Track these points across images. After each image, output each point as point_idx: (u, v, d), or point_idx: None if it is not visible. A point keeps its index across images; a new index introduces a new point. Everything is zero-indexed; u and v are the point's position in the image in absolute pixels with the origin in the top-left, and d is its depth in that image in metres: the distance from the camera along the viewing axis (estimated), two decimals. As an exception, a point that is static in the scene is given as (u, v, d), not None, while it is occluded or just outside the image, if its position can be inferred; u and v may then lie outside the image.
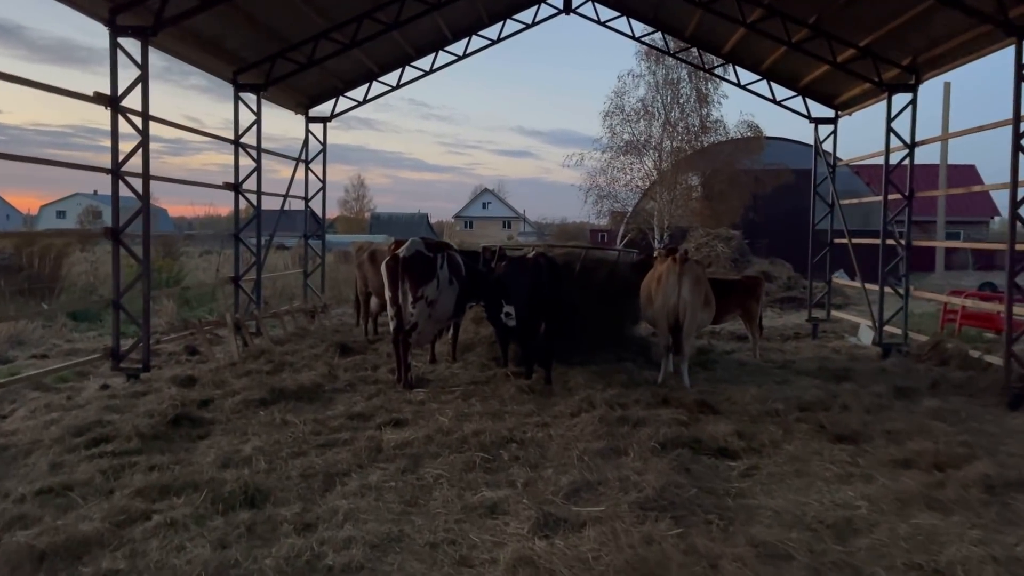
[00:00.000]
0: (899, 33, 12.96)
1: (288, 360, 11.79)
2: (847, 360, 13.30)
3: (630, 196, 36.09)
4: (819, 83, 16.57)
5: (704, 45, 17.32)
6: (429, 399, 9.57)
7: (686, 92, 34.46)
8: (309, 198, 18.47)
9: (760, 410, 8.92)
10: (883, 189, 13.85)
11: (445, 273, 10.68)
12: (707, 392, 9.94)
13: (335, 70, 16.88)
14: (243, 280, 15.02)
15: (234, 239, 14.87)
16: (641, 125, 35.01)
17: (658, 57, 33.75)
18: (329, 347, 12.68)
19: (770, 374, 11.85)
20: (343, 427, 8.11)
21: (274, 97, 16.43)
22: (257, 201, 15.11)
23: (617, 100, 34.90)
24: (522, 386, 9.89)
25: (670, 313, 10.50)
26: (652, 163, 35.08)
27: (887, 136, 13.72)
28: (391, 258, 10.40)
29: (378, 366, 11.48)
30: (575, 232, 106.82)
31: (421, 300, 10.27)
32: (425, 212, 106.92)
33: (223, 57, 13.83)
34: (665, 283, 10.47)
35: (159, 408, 8.45)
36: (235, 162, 14.55)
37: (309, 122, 18.15)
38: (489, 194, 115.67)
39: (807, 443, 7.73)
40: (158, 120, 11.43)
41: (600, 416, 8.18)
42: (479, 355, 12.31)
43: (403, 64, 17.72)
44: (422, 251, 10.44)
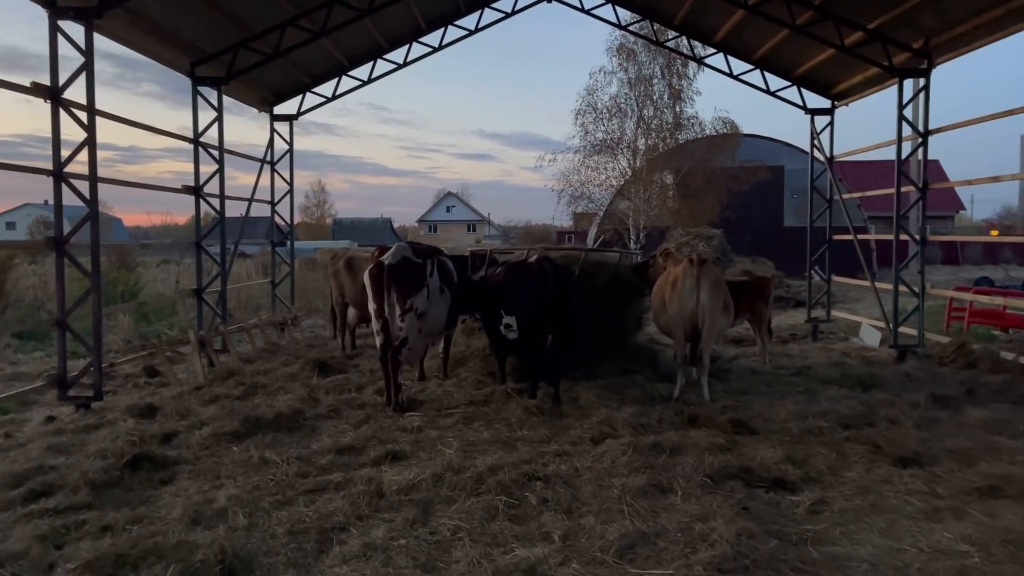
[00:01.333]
0: (911, 14, 12.15)
1: (260, 382, 10.56)
2: (863, 364, 12.43)
3: (604, 196, 35.21)
4: (816, 72, 15.77)
5: (694, 33, 16.40)
6: (426, 424, 8.44)
7: (659, 89, 33.71)
8: (276, 202, 17.20)
9: (802, 428, 7.95)
10: (895, 181, 13.03)
11: (436, 281, 9.56)
12: (733, 407, 8.96)
13: (302, 63, 15.66)
14: (206, 292, 13.72)
15: (195, 247, 13.55)
16: (614, 123, 34.21)
17: (630, 53, 33.03)
18: (305, 365, 11.46)
19: (789, 383, 10.94)
20: (333, 465, 6.95)
21: (236, 93, 15.16)
22: (220, 206, 13.83)
23: (589, 98, 33.98)
24: (529, 407, 8.79)
25: (687, 320, 9.51)
26: (626, 162, 34.25)
27: (899, 124, 12.90)
28: (375, 266, 9.26)
29: (363, 386, 10.31)
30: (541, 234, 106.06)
31: (410, 312, 9.14)
32: (388, 217, 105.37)
33: (179, 47, 12.56)
34: (681, 287, 9.47)
35: (113, 447, 7.22)
36: (195, 163, 13.27)
37: (274, 120, 16.88)
38: (453, 197, 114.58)
39: (869, 469, 6.76)
40: (105, 115, 10.15)
41: (631, 444, 7.10)
42: (472, 370, 11.20)
43: (375, 57, 16.55)
44: (410, 257, 9.32)
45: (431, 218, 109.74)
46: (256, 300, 21.43)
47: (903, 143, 13.13)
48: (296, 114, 16.88)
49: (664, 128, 33.78)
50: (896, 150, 12.95)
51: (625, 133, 34.06)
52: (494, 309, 9.80)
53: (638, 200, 33.61)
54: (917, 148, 12.84)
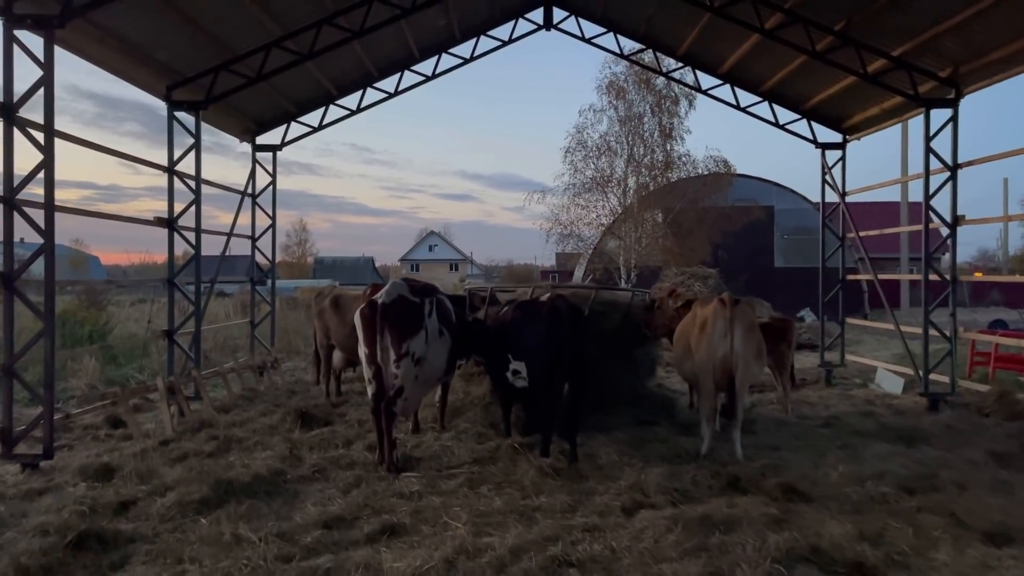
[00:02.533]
0: (937, 41, 11.44)
1: (236, 435, 9.39)
2: (894, 414, 11.46)
3: (594, 235, 34.45)
4: (827, 104, 15.06)
5: (699, 64, 15.66)
6: (426, 488, 7.32)
7: (649, 127, 33.18)
8: (256, 237, 16.12)
9: (861, 495, 6.91)
10: (924, 217, 12.17)
11: (434, 323, 8.52)
12: (772, 467, 7.91)
13: (287, 90, 14.73)
14: (179, 334, 12.55)
15: (168, 285, 12.41)
16: (604, 161, 33.59)
17: (620, 91, 32.61)
18: (286, 415, 10.27)
19: (821, 435, 9.95)
20: (320, 544, 5.80)
21: (216, 120, 14.17)
22: (196, 240, 12.73)
23: (578, 136, 33.39)
24: (543, 467, 7.69)
25: (718, 367, 8.51)
26: (616, 200, 33.56)
27: (926, 156, 12.09)
28: (367, 305, 8.20)
29: (351, 441, 9.16)
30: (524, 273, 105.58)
31: (406, 357, 8.06)
32: (370, 256, 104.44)
33: (155, 68, 11.58)
34: (712, 331, 8.49)
35: (57, 520, 6.07)
36: (169, 193, 12.20)
37: (256, 151, 15.87)
38: (435, 236, 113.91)
39: (958, 548, 5.71)
40: (64, 136, 9.09)
41: (675, 518, 6.02)
42: (472, 421, 10.10)
43: (364, 85, 15.66)
44: (406, 296, 8.27)
45: (413, 257, 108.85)
46: (234, 341, 20.21)
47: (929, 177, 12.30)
48: (280, 144, 15.89)
49: (655, 166, 33.20)
50: (923, 184, 12.13)
51: (615, 171, 33.45)
52: (500, 353, 8.77)
53: (628, 239, 32.86)
54: (946, 182, 12.02)
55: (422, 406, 10.14)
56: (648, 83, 32.32)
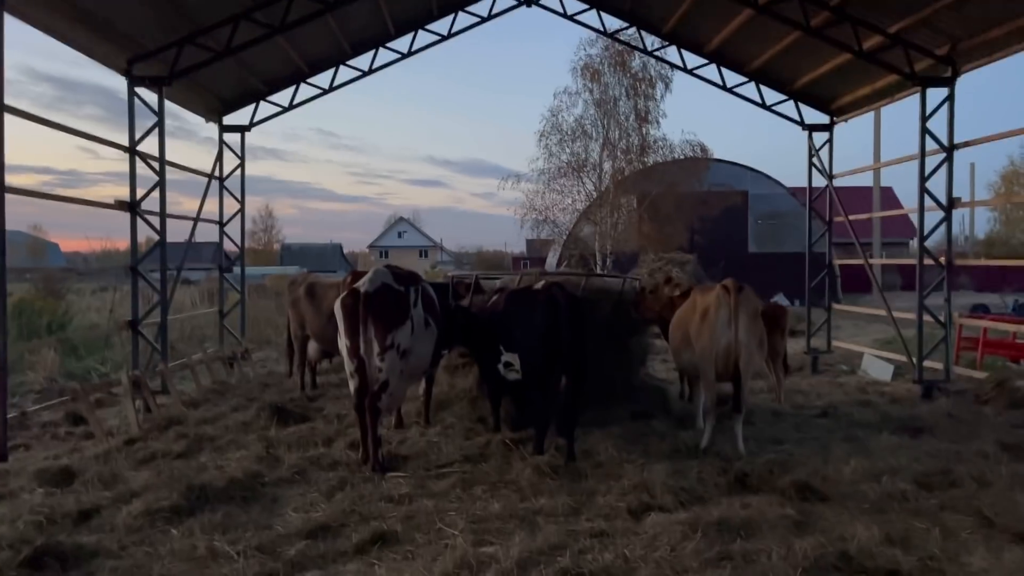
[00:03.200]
0: (935, 18, 11.09)
1: (207, 433, 8.79)
2: (889, 403, 11.18)
3: (569, 221, 34.00)
4: (816, 85, 14.70)
5: (685, 43, 15.21)
6: (415, 490, 6.82)
7: (625, 111, 32.75)
8: (224, 223, 15.42)
9: (879, 493, 6.53)
10: (919, 200, 11.86)
11: (420, 313, 7.98)
12: (780, 463, 7.51)
13: (256, 67, 14.02)
14: (143, 324, 11.87)
15: (131, 273, 11.70)
16: (579, 145, 33.12)
17: (595, 73, 32.14)
18: (261, 410, 9.66)
19: (820, 427, 9.63)
20: (305, 558, 5.26)
21: (181, 98, 13.45)
22: (161, 225, 12.03)
23: (553, 119, 32.86)
24: (540, 466, 7.21)
25: (720, 357, 8.10)
26: (592, 185, 33.12)
27: (922, 137, 11.76)
28: (348, 294, 7.64)
29: (331, 439, 8.59)
30: (495, 259, 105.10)
31: (391, 350, 7.53)
32: (338, 242, 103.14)
33: (114, 40, 10.86)
34: (714, 319, 8.06)
35: (11, 532, 5.47)
36: (131, 175, 11.47)
37: (224, 131, 15.15)
38: (404, 223, 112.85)
39: (991, 551, 5.33)
40: (15, 112, 8.38)
41: (691, 523, 5.58)
42: (459, 416, 9.60)
43: (337, 63, 15.01)
44: (390, 284, 7.73)
45: (382, 244, 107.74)
46: (202, 331, 19.48)
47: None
48: (248, 125, 15.20)
49: (631, 150, 32.81)
50: (919, 165, 11.80)
51: (591, 155, 33.02)
52: (490, 345, 8.26)
53: (604, 224, 32.47)
54: (942, 164, 11.71)
55: (405, 400, 9.61)
56: (624, 66, 31.87)
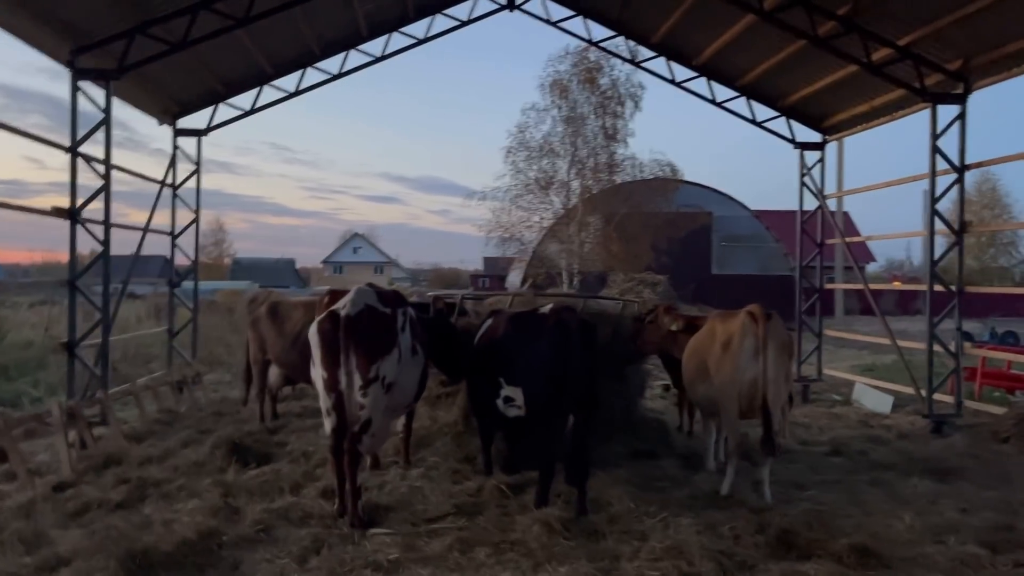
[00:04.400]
0: (947, 32, 10.48)
1: (153, 477, 7.56)
2: (900, 439, 10.43)
3: (537, 239, 33.20)
4: (809, 101, 14.07)
5: (674, 55, 14.44)
6: (404, 552, 5.75)
7: (593, 129, 32.14)
8: (177, 234, 14.16)
9: (948, 557, 5.65)
10: (930, 221, 11.19)
11: (407, 339, 6.94)
12: (815, 515, 6.63)
13: (216, 66, 12.86)
14: (82, 346, 10.55)
15: (69, 288, 10.38)
16: (545, 163, 32.39)
17: (563, 90, 31.56)
18: (215, 448, 8.43)
19: (841, 468, 8.82)
20: (280, 656, 4.17)
21: (131, 97, 12.23)
22: (104, 235, 10.76)
23: (520, 136, 32.12)
24: (549, 521, 6.19)
25: (745, 393, 7.21)
26: (560, 203, 32.39)
27: (932, 156, 11.08)
28: (326, 317, 6.56)
29: (300, 484, 7.43)
30: (452, 277, 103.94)
31: (375, 383, 6.46)
32: (291, 257, 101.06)
33: (57, 27, 9.65)
34: (738, 350, 7.16)
35: None
36: (72, 179, 10.20)
37: (178, 135, 13.92)
38: (360, 239, 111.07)
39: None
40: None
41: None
42: (441, 453, 8.52)
43: (304, 65, 13.91)
44: (374, 306, 6.67)
45: (337, 259, 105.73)
46: (147, 351, 18.03)
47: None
48: (206, 129, 13.98)
49: (599, 168, 32.20)
50: (929, 186, 11.13)
51: (558, 173, 32.33)
52: (486, 375, 7.25)
53: (572, 243, 31.73)
54: (953, 185, 11.07)
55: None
56: (593, 83, 31.34)
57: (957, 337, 11.26)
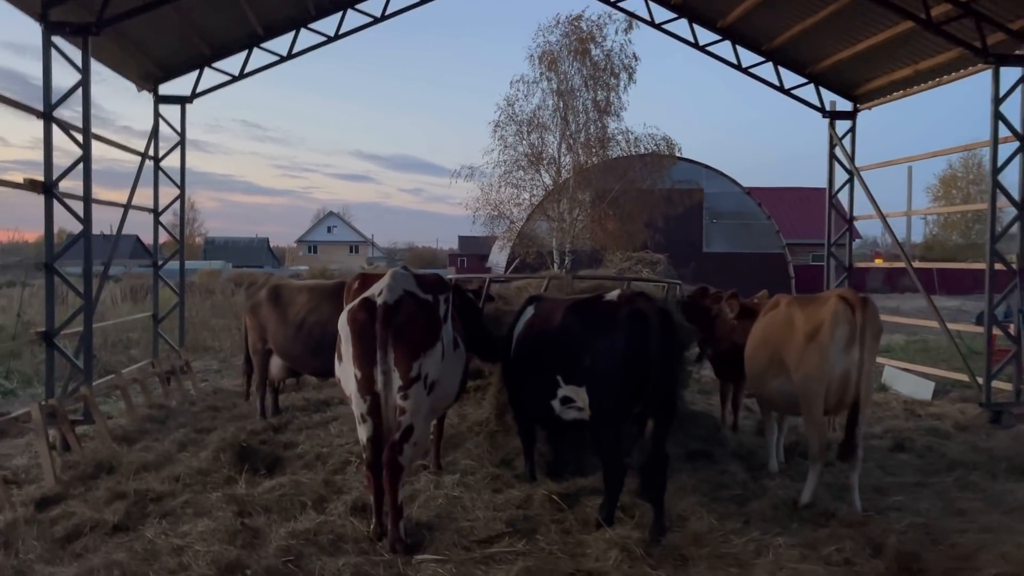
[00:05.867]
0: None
1: (152, 490, 6.54)
2: (961, 431, 9.65)
3: (525, 216, 32.18)
4: (843, 67, 13.17)
5: (697, 16, 13.45)
6: (462, 585, 4.83)
7: (584, 103, 31.08)
8: (160, 211, 13.01)
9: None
10: (991, 195, 10.36)
11: (449, 331, 5.98)
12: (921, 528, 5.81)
13: (202, 25, 11.68)
14: (61, 335, 9.42)
15: (46, 271, 9.23)
16: (535, 137, 31.32)
17: (552, 62, 30.47)
18: (220, 452, 7.41)
19: (913, 467, 8.06)
20: None
21: (109, 59, 11.03)
22: (85, 212, 9.61)
23: (509, 109, 30.96)
24: (627, 545, 5.30)
25: (835, 389, 6.36)
26: (550, 179, 31.36)
27: (994, 123, 10.21)
28: (360, 306, 5.56)
29: (324, 498, 6.43)
30: (428, 256, 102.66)
31: (417, 383, 5.50)
32: (265, 236, 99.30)
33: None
34: (828, 340, 6.27)
35: None
36: (46, 148, 9.00)
37: (160, 102, 12.72)
38: (335, 217, 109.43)
39: None
40: None
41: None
42: (475, 456, 7.55)
43: (299, 25, 12.72)
44: (415, 293, 5.68)
45: (311, 239, 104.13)
46: (127, 337, 16.90)
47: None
48: (190, 95, 12.79)
49: (591, 143, 31.19)
50: (991, 154, 10.28)
51: (548, 148, 31.29)
52: (537, 372, 6.30)
53: (563, 220, 30.76)
54: (1016, 154, 10.22)
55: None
56: (585, 54, 30.28)
57: (1018, 319, 10.47)
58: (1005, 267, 10.45)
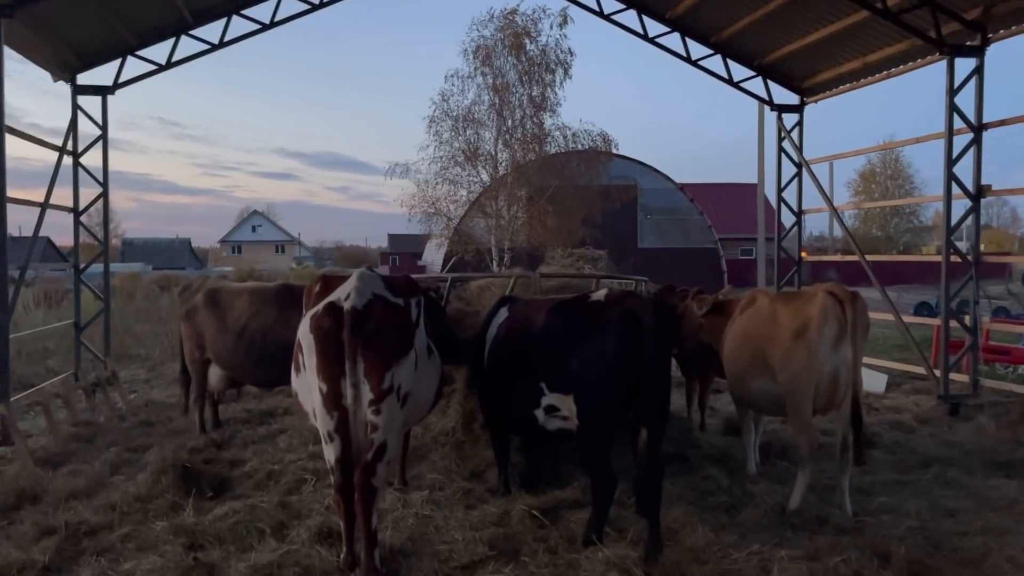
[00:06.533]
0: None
1: (86, 522, 5.84)
2: (923, 425, 9.60)
3: (463, 213, 31.67)
4: (791, 59, 13.09)
5: (646, 7, 13.18)
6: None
7: (519, 98, 30.72)
8: (81, 211, 12.07)
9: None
10: (945, 185, 10.32)
11: (422, 337, 5.48)
12: (921, 533, 5.58)
13: (125, 10, 10.82)
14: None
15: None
16: (471, 133, 30.81)
17: (487, 56, 30.07)
18: (160, 474, 6.70)
19: (888, 464, 7.87)
20: None
21: (22, 45, 10.08)
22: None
23: (444, 104, 30.39)
24: (626, 565, 4.89)
25: (824, 389, 6.09)
26: (488, 175, 30.91)
27: (949, 114, 10.20)
28: (324, 311, 5.00)
29: (283, 524, 5.83)
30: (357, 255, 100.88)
31: (390, 395, 4.97)
32: (187, 237, 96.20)
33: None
34: (816, 338, 6.00)
35: None
36: (-48, 141, 8.16)
37: (79, 93, 11.78)
38: (259, 216, 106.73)
39: None
40: None
41: None
42: (442, 470, 7.08)
43: (230, 12, 11.95)
44: (384, 296, 5.15)
45: (235, 239, 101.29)
46: (43, 347, 15.75)
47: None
48: (112, 86, 11.88)
49: (528, 140, 30.86)
50: (945, 146, 10.24)
51: (484, 144, 30.84)
52: (518, 380, 5.84)
53: (501, 218, 30.37)
54: (970, 146, 10.23)
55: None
56: (521, 48, 29.96)
57: (973, 310, 10.50)
58: (960, 259, 10.45)
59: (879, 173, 60.60)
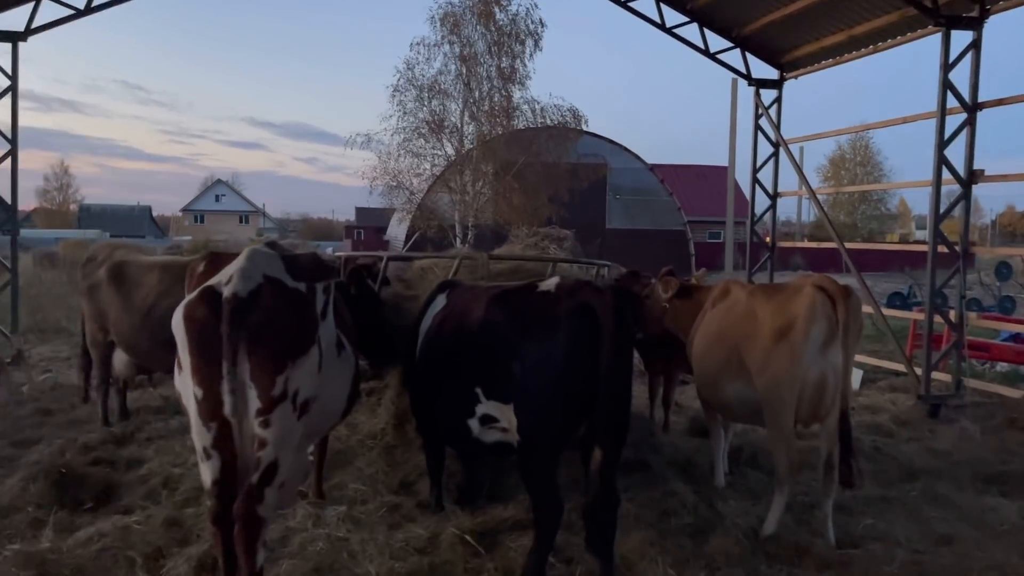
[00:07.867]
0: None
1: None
2: (905, 428, 8.85)
3: (426, 187, 30.58)
4: (772, 30, 12.18)
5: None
6: None
7: (487, 69, 29.59)
8: (-15, 170, 10.87)
9: None
10: (935, 169, 9.48)
11: (330, 329, 4.49)
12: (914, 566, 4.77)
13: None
14: None
15: None
16: (436, 104, 29.64)
17: (455, 24, 28.94)
18: (30, 480, 5.66)
19: (870, 476, 6.98)
20: None
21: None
22: None
23: (409, 73, 29.15)
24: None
25: (807, 397, 5.24)
26: (452, 148, 29.81)
27: (942, 92, 9.35)
28: (199, 298, 4.00)
29: (160, 552, 4.82)
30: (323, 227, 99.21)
31: (283, 403, 3.99)
32: (147, 204, 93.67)
33: None
34: (802, 339, 5.13)
35: None
36: None
37: (-15, 39, 10.56)
38: (223, 186, 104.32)
39: None
40: None
41: None
42: (365, 478, 6.13)
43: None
44: (280, 280, 4.14)
45: (198, 207, 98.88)
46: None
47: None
48: (24, 32, 10.65)
49: (495, 113, 29.76)
50: (937, 126, 9.40)
51: (450, 115, 29.70)
52: (450, 382, 4.89)
53: (465, 193, 29.32)
54: (963, 127, 9.40)
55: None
56: (490, 17, 28.84)
57: (959, 305, 9.73)
58: (948, 249, 9.66)
59: (848, 159, 60.38)
